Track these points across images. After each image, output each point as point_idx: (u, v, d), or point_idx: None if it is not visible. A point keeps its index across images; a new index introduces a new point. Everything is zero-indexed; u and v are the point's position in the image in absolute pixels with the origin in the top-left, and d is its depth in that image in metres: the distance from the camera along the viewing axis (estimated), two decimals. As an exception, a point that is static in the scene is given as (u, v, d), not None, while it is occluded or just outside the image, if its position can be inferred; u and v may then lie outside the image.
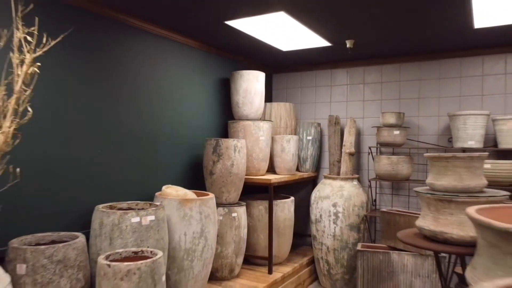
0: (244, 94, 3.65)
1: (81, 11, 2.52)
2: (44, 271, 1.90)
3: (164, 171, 3.20)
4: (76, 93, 2.50)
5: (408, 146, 3.88)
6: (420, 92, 3.90)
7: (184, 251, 2.70)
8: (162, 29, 3.12)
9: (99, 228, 2.33)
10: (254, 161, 3.60)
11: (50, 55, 2.23)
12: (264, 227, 3.57)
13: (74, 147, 2.48)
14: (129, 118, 2.88)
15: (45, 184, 2.30)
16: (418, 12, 2.72)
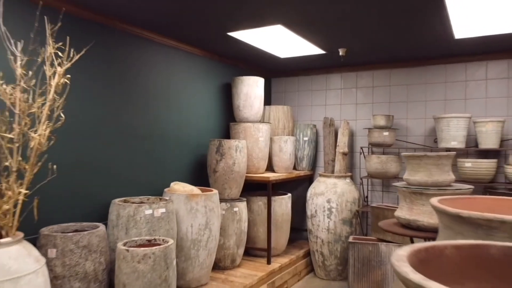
0: (244, 98, 3.94)
1: (99, 26, 2.81)
2: (72, 255, 2.19)
3: (172, 169, 3.50)
4: (97, 99, 2.79)
5: (397, 146, 4.17)
6: (408, 96, 4.19)
7: (191, 241, 2.99)
8: (170, 40, 3.41)
9: (116, 219, 2.62)
10: (254, 160, 3.89)
11: (76, 67, 2.52)
12: (263, 221, 3.86)
13: (95, 147, 2.78)
14: (141, 121, 3.17)
15: (70, 180, 2.59)
16: (403, 24, 3.01)
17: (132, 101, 3.10)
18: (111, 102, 2.92)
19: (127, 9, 2.72)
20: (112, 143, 2.93)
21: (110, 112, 2.91)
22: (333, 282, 4.02)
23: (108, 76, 2.89)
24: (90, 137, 2.76)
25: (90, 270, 2.24)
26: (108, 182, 2.91)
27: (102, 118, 2.85)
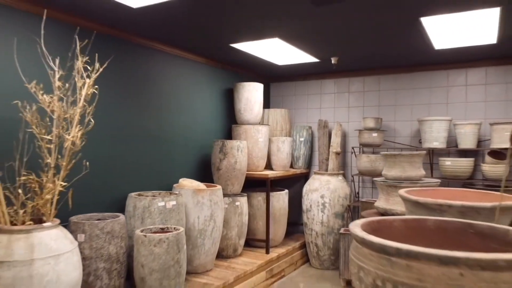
0: (245, 102, 4.30)
1: (118, 40, 3.18)
2: (98, 239, 2.55)
3: (180, 167, 3.86)
4: (117, 106, 3.15)
5: (386, 146, 4.54)
6: (396, 100, 4.55)
7: (198, 231, 3.36)
8: (179, 50, 3.77)
9: (133, 210, 2.98)
10: (254, 159, 4.26)
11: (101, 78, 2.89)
12: (262, 215, 4.22)
13: (114, 147, 3.14)
14: (154, 124, 3.54)
15: (93, 175, 2.95)
16: (387, 38, 3.38)
17: (146, 106, 3.46)
18: (129, 107, 3.29)
19: (143, 26, 3.09)
20: (128, 144, 3.30)
21: (128, 117, 3.28)
22: (326, 271, 4.38)
23: (126, 85, 3.26)
24: (110, 138, 3.12)
25: (113, 252, 2.61)
26: (124, 178, 3.27)
27: (121, 122, 3.21)
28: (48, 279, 2.05)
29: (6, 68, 2.47)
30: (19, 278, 1.98)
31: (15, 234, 2.06)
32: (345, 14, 2.78)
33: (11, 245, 2.03)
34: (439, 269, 0.89)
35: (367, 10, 2.70)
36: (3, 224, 2.14)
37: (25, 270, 2.00)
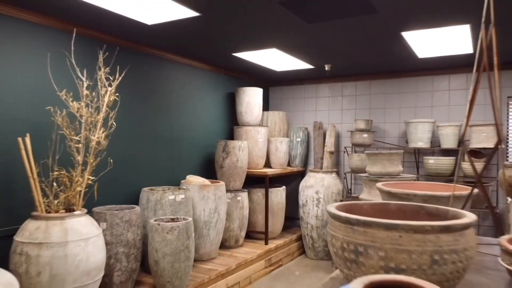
0: (246, 105, 4.67)
1: (134, 52, 3.55)
2: (117, 227, 2.92)
3: (187, 165, 4.23)
4: (132, 110, 3.52)
5: (375, 146, 4.90)
6: (385, 103, 4.92)
7: (203, 222, 3.73)
8: (186, 59, 4.14)
9: (146, 203, 3.36)
10: (254, 158, 4.63)
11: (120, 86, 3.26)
12: (262, 209, 4.59)
13: (129, 147, 3.51)
14: (164, 126, 3.91)
15: (111, 171, 3.32)
16: (375, 49, 3.74)
17: (157, 110, 3.83)
18: (142, 111, 3.66)
19: (155, 39, 3.46)
20: (141, 144, 3.67)
21: (141, 120, 3.65)
22: (321, 261, 4.75)
23: (140, 91, 3.63)
24: (126, 139, 3.49)
25: (131, 239, 2.98)
26: (138, 174, 3.64)
27: (135, 124, 3.58)
28: (80, 258, 2.42)
29: (40, 79, 2.84)
30: (56, 257, 2.35)
31: (52, 220, 2.43)
32: (335, 30, 3.15)
33: (48, 229, 2.40)
34: (385, 233, 1.27)
35: (354, 26, 3.07)
36: (40, 212, 2.51)
37: (61, 250, 2.37)
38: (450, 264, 1.28)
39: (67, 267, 2.37)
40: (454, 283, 1.30)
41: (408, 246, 1.27)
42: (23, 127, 2.70)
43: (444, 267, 1.26)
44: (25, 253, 2.35)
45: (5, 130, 2.63)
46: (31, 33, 2.78)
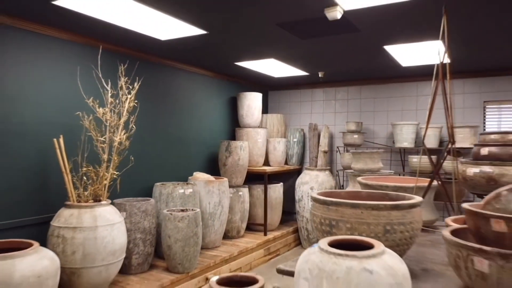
0: (247, 109, 5.12)
1: (149, 63, 3.99)
2: (136, 216, 3.36)
3: (193, 162, 4.68)
4: (149, 114, 3.96)
5: (365, 146, 5.35)
6: (374, 107, 5.37)
7: (209, 214, 4.17)
8: (194, 67, 4.59)
9: (159, 196, 3.80)
10: (254, 157, 5.07)
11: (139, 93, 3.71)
12: (261, 203, 5.04)
13: (145, 147, 3.95)
14: (174, 128, 4.35)
15: (128, 168, 3.76)
16: (363, 58, 4.19)
17: (168, 113, 4.28)
18: (156, 115, 4.10)
19: (168, 51, 3.90)
20: (154, 144, 4.11)
21: (155, 122, 4.09)
22: (315, 251, 5.19)
23: (154, 97, 4.07)
24: (142, 140, 3.93)
25: (147, 226, 3.42)
26: (150, 171, 4.09)
27: (150, 127, 4.03)
28: (107, 240, 2.87)
29: (71, 88, 3.28)
30: (87, 239, 2.80)
31: (83, 208, 2.88)
32: (325, 44, 3.60)
33: (80, 216, 2.85)
34: (350, 210, 1.73)
35: (341, 41, 3.51)
36: (72, 202, 2.96)
37: (91, 233, 2.82)
38: (399, 233, 1.75)
39: (97, 247, 2.82)
40: (403, 248, 1.77)
41: (367, 219, 1.74)
42: (57, 129, 3.15)
43: (394, 235, 1.74)
44: (62, 235, 2.80)
45: (42, 132, 3.07)
46: (64, 50, 3.23)
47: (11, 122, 2.89)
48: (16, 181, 2.93)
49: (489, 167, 2.39)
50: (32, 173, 3.03)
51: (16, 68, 2.92)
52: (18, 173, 2.94)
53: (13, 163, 2.91)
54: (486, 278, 1.34)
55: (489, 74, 4.71)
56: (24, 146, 2.97)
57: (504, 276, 1.30)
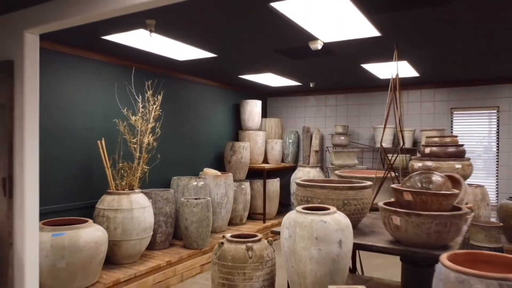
0: (248, 114, 5.93)
1: (168, 76, 4.81)
2: (159, 203, 4.17)
3: (203, 160, 5.49)
4: (170, 120, 4.77)
5: (351, 146, 6.16)
6: (359, 112, 6.18)
7: (217, 203, 4.98)
8: (204, 79, 5.40)
9: (176, 187, 4.61)
10: (255, 156, 5.88)
11: (162, 103, 4.52)
12: (260, 195, 5.85)
13: (164, 147, 4.76)
14: (187, 130, 5.17)
15: (150, 165, 4.57)
16: (346, 72, 5.00)
17: (184, 119, 5.09)
18: (175, 121, 4.91)
19: (184, 68, 4.71)
20: (172, 144, 4.93)
21: (174, 127, 4.91)
22: (307, 237, 6.01)
23: (173, 106, 4.88)
24: (164, 141, 4.75)
25: (168, 211, 4.23)
26: (168, 167, 4.90)
27: (169, 130, 4.84)
28: (140, 220, 3.68)
29: (110, 101, 4.10)
30: (126, 218, 3.61)
31: (122, 195, 3.69)
32: (312, 63, 4.41)
33: (120, 201, 3.66)
34: (320, 190, 2.57)
35: (325, 62, 4.32)
36: (113, 190, 3.77)
37: (129, 214, 3.63)
38: (353, 206, 2.58)
39: (133, 224, 3.63)
40: (357, 217, 2.60)
41: (331, 196, 2.56)
42: (99, 133, 3.97)
43: (349, 207, 2.56)
44: (106, 215, 3.61)
45: (88, 135, 3.89)
46: (104, 70, 4.05)
47: (66, 127, 3.70)
48: (70, 174, 3.75)
49: (429, 162, 3.20)
50: (82, 167, 3.85)
51: (69, 85, 3.73)
52: (71, 167, 3.75)
53: (68, 159, 3.72)
54: (399, 229, 2.16)
55: (455, 85, 5.52)
56: (76, 146, 3.79)
57: (409, 226, 2.11)
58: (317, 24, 2.96)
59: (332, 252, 2.02)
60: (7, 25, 2.76)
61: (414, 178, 2.27)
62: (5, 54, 2.77)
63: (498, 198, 5.31)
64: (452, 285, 1.71)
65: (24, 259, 2.71)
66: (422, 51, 3.86)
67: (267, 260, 2.39)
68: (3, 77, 2.74)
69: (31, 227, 2.73)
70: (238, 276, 2.27)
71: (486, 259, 1.91)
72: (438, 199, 2.10)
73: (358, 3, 2.58)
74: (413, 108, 5.82)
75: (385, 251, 2.28)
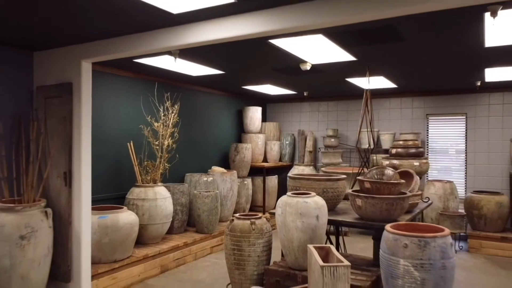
0: (250, 119, 6.76)
1: (184, 88, 5.64)
2: (177, 194, 5.00)
3: (211, 159, 6.33)
4: (185, 125, 5.60)
5: (340, 147, 6.99)
6: (347, 117, 7.01)
7: (223, 196, 5.81)
8: (212, 90, 6.24)
9: (189, 182, 5.45)
10: (256, 155, 6.72)
11: (179, 111, 5.34)
12: (261, 190, 6.68)
13: (181, 148, 5.59)
14: (198, 134, 6.01)
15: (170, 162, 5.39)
16: (335, 85, 5.84)
17: (196, 124, 5.93)
18: (187, 126, 5.75)
19: (197, 81, 5.55)
20: (186, 146, 5.76)
21: (188, 131, 5.74)
22: (302, 227, 6.84)
23: (187, 113, 5.71)
24: (182, 144, 5.58)
25: (183, 202, 5.06)
26: (181, 165, 5.73)
27: (185, 134, 5.68)
28: (163, 208, 4.52)
29: (136, 110, 4.93)
30: (151, 206, 4.45)
31: (147, 188, 4.53)
32: (306, 78, 5.24)
33: (146, 192, 4.49)
34: (305, 181, 3.43)
35: (316, 76, 5.15)
36: (140, 183, 4.61)
37: (153, 203, 4.46)
38: (330, 193, 3.44)
39: (157, 211, 4.47)
40: (334, 202, 3.46)
41: (314, 185, 3.41)
42: (128, 137, 4.80)
43: (328, 194, 3.42)
44: (135, 204, 4.44)
45: (119, 139, 4.73)
46: (132, 85, 4.88)
47: (103, 131, 4.54)
48: (106, 170, 4.58)
49: (395, 160, 4.04)
50: (114, 164, 4.68)
51: (107, 97, 4.56)
52: (107, 164, 4.59)
53: (104, 158, 4.55)
54: (361, 208, 2.99)
55: (430, 94, 6.36)
56: (110, 148, 4.62)
57: (367, 206, 2.94)
58: (306, 52, 3.80)
59: (311, 223, 2.86)
60: (68, 55, 3.60)
61: (372, 172, 3.10)
62: (65, 77, 3.62)
63: (466, 192, 6.14)
64: (390, 242, 2.55)
65: (80, 235, 3.55)
66: (393, 70, 4.69)
67: (266, 232, 3.22)
68: (64, 95, 3.59)
69: (85, 210, 3.57)
70: (245, 242, 3.10)
71: (418, 228, 2.75)
72: (388, 186, 2.94)
73: (335, 41, 3.41)
74: (394, 114, 6.65)
75: (351, 225, 3.12)
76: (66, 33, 3.21)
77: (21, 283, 3.24)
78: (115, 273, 3.85)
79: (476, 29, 3.04)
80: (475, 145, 6.09)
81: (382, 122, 6.74)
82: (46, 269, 3.41)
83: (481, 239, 5.36)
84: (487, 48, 3.61)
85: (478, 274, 4.51)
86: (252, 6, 2.56)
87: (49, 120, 3.70)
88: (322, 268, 2.22)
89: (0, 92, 3.56)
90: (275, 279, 2.98)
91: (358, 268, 3.07)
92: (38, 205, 3.36)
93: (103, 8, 2.62)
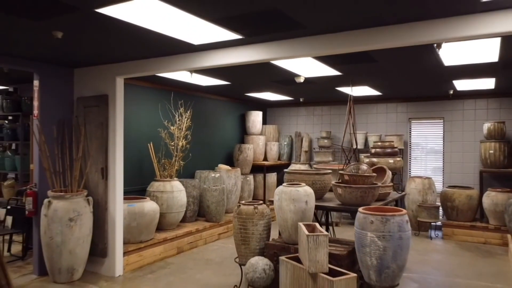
0: (252, 122, 7.56)
1: (195, 96, 6.44)
2: (189, 188, 5.79)
3: (217, 158, 7.13)
4: (196, 128, 6.39)
5: (333, 148, 7.78)
6: (339, 120, 7.80)
7: (228, 191, 6.61)
8: (219, 96, 7.04)
9: (199, 178, 6.24)
10: (257, 155, 7.51)
11: (191, 116, 6.13)
12: (261, 186, 7.47)
13: (192, 148, 6.38)
14: (206, 136, 6.80)
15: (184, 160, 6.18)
16: (327, 93, 6.63)
17: (205, 127, 6.73)
18: (198, 128, 6.54)
19: (206, 90, 6.34)
20: (196, 146, 6.55)
21: (198, 133, 6.53)
22: (298, 219, 7.64)
23: (198, 118, 6.51)
24: (190, 144, 6.38)
25: (195, 194, 5.85)
26: (192, 163, 6.53)
27: (195, 136, 6.47)
28: (178, 199, 5.31)
29: (155, 116, 5.73)
30: (169, 197, 5.24)
31: (165, 182, 5.32)
32: (301, 87, 6.04)
33: (164, 185, 5.29)
34: (299, 175, 4.24)
35: (310, 86, 5.95)
36: (159, 178, 5.40)
37: (170, 195, 5.26)
38: (318, 184, 4.27)
39: (174, 202, 5.26)
40: (322, 192, 4.28)
41: (305, 178, 4.23)
42: (149, 138, 5.60)
43: (316, 185, 4.25)
44: (155, 195, 5.24)
45: (140, 140, 5.52)
46: (151, 94, 5.68)
47: (128, 134, 5.33)
48: (131, 166, 5.37)
49: (374, 158, 4.82)
50: (137, 162, 5.47)
51: (132, 105, 5.36)
52: (131, 162, 5.38)
53: (129, 156, 5.34)
54: (341, 195, 3.79)
55: (412, 100, 7.15)
56: (133, 148, 5.41)
57: (346, 194, 3.74)
58: (299, 68, 4.59)
59: (301, 207, 3.65)
60: (104, 72, 4.40)
61: (350, 167, 3.90)
62: (101, 90, 4.41)
63: (443, 187, 6.93)
64: (361, 220, 3.33)
65: (114, 219, 4.34)
66: (373, 81, 5.49)
67: (266, 215, 4.01)
68: (101, 105, 4.39)
69: (118, 199, 4.36)
70: (249, 223, 3.89)
71: (383, 210, 3.53)
72: (362, 178, 3.73)
73: (322, 61, 4.20)
74: (380, 117, 7.44)
75: (333, 209, 3.91)
76: (104, 55, 4.00)
77: (69, 257, 4.04)
78: (141, 252, 4.65)
79: (433, 54, 3.84)
80: (451, 145, 6.88)
81: (370, 125, 7.52)
82: (87, 246, 4.21)
83: (454, 228, 6.15)
84: (448, 66, 4.40)
85: (447, 256, 5.30)
86: (256, 40, 3.36)
87: (88, 125, 4.50)
88: (307, 236, 3.01)
89: (51, 103, 4.36)
90: (273, 251, 3.77)
91: (340, 244, 3.87)
92: (82, 194, 4.16)
93: (141, 41, 3.41)
